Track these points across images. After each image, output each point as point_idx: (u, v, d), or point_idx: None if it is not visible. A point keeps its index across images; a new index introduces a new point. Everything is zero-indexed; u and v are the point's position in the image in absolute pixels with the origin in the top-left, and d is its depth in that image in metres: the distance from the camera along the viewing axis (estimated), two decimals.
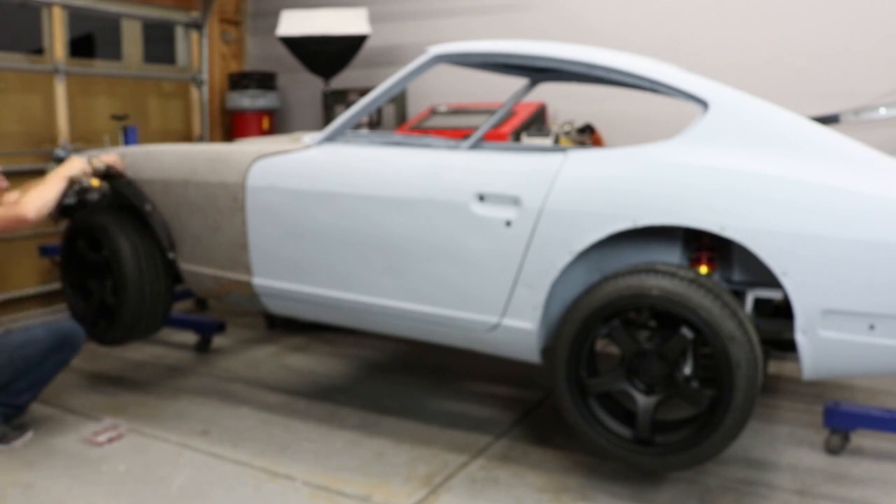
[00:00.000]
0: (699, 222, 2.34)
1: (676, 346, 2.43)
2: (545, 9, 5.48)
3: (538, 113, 5.14)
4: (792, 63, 4.70)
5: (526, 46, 2.78)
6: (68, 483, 2.67)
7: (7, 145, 4.77)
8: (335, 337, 4.42)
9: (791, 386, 3.57)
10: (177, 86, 6.06)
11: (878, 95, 4.35)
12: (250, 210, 3.00)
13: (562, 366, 2.53)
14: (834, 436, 2.86)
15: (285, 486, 2.66)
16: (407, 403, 3.40)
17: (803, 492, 2.60)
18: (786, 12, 4.75)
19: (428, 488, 2.64)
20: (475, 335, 2.73)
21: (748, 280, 2.59)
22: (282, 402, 3.44)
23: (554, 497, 2.58)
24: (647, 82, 2.59)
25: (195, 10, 6.09)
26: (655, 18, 5.12)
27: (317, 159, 2.93)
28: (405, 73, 2.87)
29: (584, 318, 2.48)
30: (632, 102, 4.47)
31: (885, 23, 4.48)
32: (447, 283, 2.70)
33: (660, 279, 2.39)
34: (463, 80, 5.19)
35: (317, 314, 3.09)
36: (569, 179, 2.51)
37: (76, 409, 3.34)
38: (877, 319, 2.23)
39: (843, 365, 2.33)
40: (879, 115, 4.13)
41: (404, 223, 2.72)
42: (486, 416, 3.27)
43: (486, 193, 2.61)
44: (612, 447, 2.52)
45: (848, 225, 2.21)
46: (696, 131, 2.46)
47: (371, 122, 5.72)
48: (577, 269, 2.64)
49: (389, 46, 6.05)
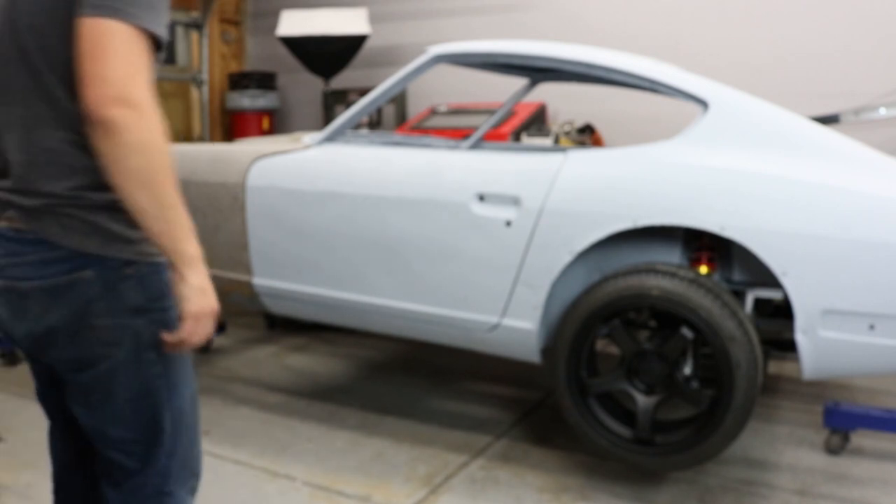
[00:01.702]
0: (699, 222, 2.34)
1: (676, 346, 2.43)
2: (545, 9, 5.48)
3: (538, 113, 5.14)
4: (792, 63, 4.70)
5: (526, 46, 2.78)
6: None
7: None
8: (335, 337, 4.42)
9: (791, 386, 3.57)
10: (177, 86, 6.06)
11: (878, 95, 4.35)
12: (250, 210, 3.00)
13: (562, 366, 2.53)
14: (834, 436, 2.86)
15: (285, 486, 2.66)
16: (407, 403, 3.40)
17: (803, 492, 2.60)
18: (786, 12, 4.75)
19: (428, 488, 2.64)
20: (475, 335, 2.73)
21: (748, 280, 2.59)
22: (282, 402, 3.44)
23: (554, 497, 2.58)
24: (647, 82, 2.59)
25: (195, 10, 6.09)
26: (655, 18, 5.13)
27: (317, 159, 2.93)
28: (405, 73, 2.87)
29: (584, 318, 2.48)
30: (632, 102, 4.48)
31: (885, 23, 4.48)
32: (447, 283, 2.70)
33: (660, 279, 2.39)
34: (463, 80, 5.19)
35: (317, 314, 3.09)
36: (569, 179, 2.51)
37: None
38: (877, 319, 2.23)
39: (843, 365, 2.33)
40: (879, 115, 4.13)
41: (404, 223, 2.72)
42: (486, 416, 3.27)
43: (486, 193, 2.61)
44: (612, 447, 2.52)
45: (848, 225, 2.21)
46: (696, 131, 2.46)
47: (371, 122, 5.72)
48: (577, 269, 2.64)
49: (389, 46, 6.05)
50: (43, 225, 1.28)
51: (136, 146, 1.21)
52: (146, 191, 1.23)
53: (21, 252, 1.29)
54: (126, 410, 1.38)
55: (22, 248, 1.29)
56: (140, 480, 1.44)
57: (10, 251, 1.30)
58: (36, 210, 1.28)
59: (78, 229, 1.28)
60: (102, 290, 1.30)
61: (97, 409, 1.39)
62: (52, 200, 1.28)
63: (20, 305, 1.32)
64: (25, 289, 1.30)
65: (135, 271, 1.32)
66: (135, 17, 1.21)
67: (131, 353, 1.35)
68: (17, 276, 1.30)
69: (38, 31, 1.26)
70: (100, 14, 1.19)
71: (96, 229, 1.29)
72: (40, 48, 1.26)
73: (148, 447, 1.42)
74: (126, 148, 1.20)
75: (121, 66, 1.19)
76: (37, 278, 1.29)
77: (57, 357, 1.36)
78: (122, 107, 1.19)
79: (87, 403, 1.39)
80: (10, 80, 1.30)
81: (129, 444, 1.41)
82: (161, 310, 1.37)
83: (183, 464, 1.48)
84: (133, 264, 1.32)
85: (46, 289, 1.29)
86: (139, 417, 1.39)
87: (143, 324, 1.35)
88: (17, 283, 1.30)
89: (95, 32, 1.19)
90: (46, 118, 1.28)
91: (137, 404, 1.39)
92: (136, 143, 1.21)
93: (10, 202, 1.31)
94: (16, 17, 1.28)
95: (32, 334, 1.34)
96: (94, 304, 1.30)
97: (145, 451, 1.42)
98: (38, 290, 1.29)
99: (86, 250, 1.28)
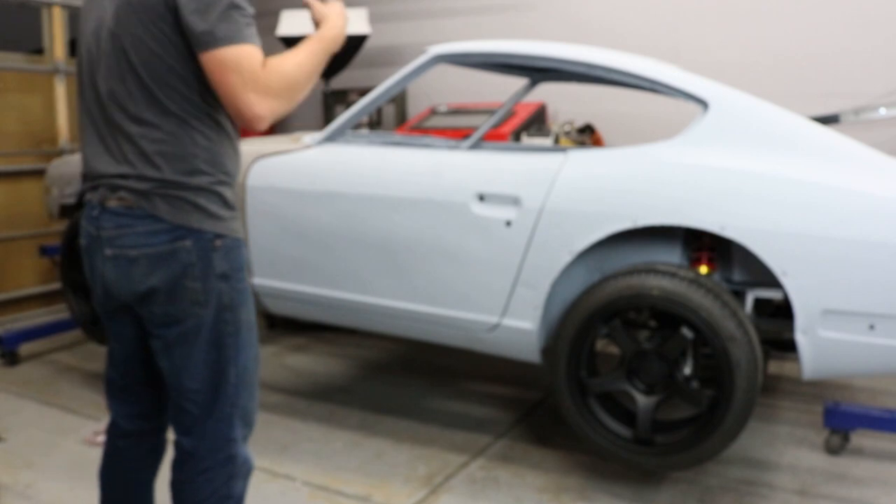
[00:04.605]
0: (699, 222, 2.34)
1: (676, 346, 2.43)
2: (545, 9, 5.48)
3: (538, 113, 5.14)
4: (792, 63, 4.70)
5: (526, 46, 2.77)
6: (68, 483, 2.67)
7: (7, 145, 4.77)
8: (335, 337, 4.42)
9: (791, 386, 3.57)
10: None
11: (878, 95, 4.35)
12: (250, 210, 3.00)
13: (562, 366, 2.53)
14: (834, 436, 2.86)
15: (285, 486, 2.66)
16: (407, 403, 3.40)
17: (803, 492, 2.60)
18: (786, 12, 4.75)
19: (428, 488, 2.64)
20: (475, 335, 2.73)
21: (748, 280, 2.59)
22: (282, 402, 3.44)
23: (554, 497, 2.58)
24: (647, 82, 2.59)
25: None
26: (656, 18, 5.12)
27: (317, 159, 2.93)
28: (405, 73, 2.87)
29: (584, 318, 2.48)
30: (632, 102, 4.47)
31: (885, 23, 4.48)
32: (447, 283, 2.70)
33: (660, 279, 2.39)
34: (463, 80, 5.19)
35: (317, 314, 3.09)
36: (569, 179, 2.51)
37: (76, 409, 3.34)
38: (877, 319, 2.23)
39: (843, 365, 2.33)
40: (879, 115, 4.12)
41: (404, 223, 2.72)
42: (486, 416, 3.27)
43: (486, 193, 2.61)
44: (612, 447, 2.52)
45: (848, 225, 2.21)
46: (696, 131, 2.46)
47: (371, 122, 5.72)
48: (577, 269, 2.64)
49: (389, 46, 6.05)
50: (152, 204, 1.55)
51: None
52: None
53: (131, 224, 1.56)
54: (199, 363, 1.63)
55: (132, 221, 1.56)
56: (208, 427, 1.67)
57: (120, 224, 1.58)
58: (145, 192, 1.55)
59: (181, 207, 1.55)
60: (197, 257, 1.57)
61: (178, 362, 1.63)
62: (159, 184, 1.54)
63: (127, 270, 1.59)
64: (134, 255, 1.58)
65: (222, 244, 1.60)
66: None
67: (213, 312, 1.61)
68: (127, 244, 1.57)
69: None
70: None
71: (196, 207, 1.56)
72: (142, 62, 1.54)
73: (215, 397, 1.66)
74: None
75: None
76: (145, 246, 1.56)
77: (153, 312, 1.61)
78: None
79: (170, 356, 1.64)
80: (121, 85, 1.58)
81: (200, 394, 1.65)
82: (239, 279, 1.65)
83: (243, 414, 1.72)
84: (222, 237, 1.60)
85: (152, 255, 1.57)
86: (210, 370, 1.64)
87: (226, 288, 1.62)
88: (127, 251, 1.58)
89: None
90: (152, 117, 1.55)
91: (210, 356, 1.63)
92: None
93: (122, 186, 1.57)
94: (119, 32, 1.55)
95: (135, 293, 1.60)
96: (189, 268, 1.57)
97: (212, 401, 1.66)
98: (144, 257, 1.57)
99: (186, 224, 1.55)
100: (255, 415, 1.79)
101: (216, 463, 1.68)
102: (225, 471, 1.69)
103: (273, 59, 1.56)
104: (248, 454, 1.76)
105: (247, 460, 1.75)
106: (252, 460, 1.76)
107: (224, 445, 1.69)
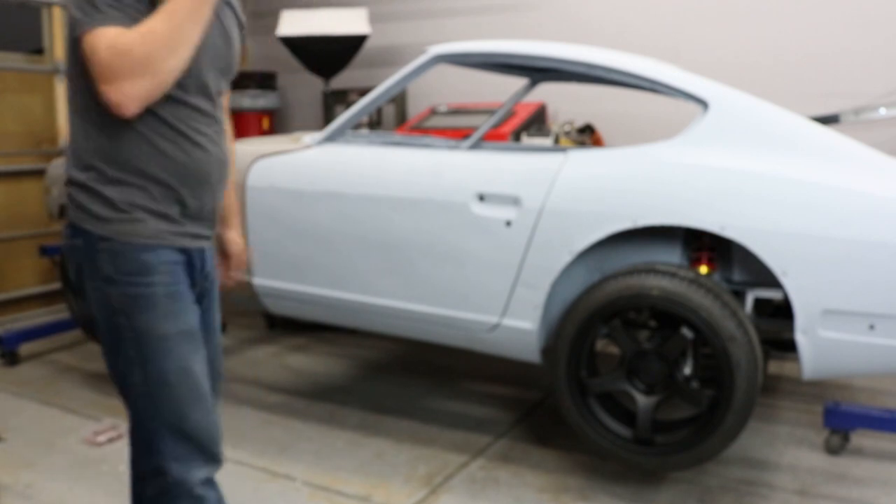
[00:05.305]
0: (699, 222, 2.34)
1: (676, 346, 2.43)
2: (545, 9, 5.48)
3: (538, 113, 5.14)
4: (792, 63, 4.70)
5: (526, 46, 2.77)
6: (68, 483, 2.67)
7: (7, 145, 4.77)
8: (335, 337, 4.42)
9: (791, 386, 3.57)
10: None
11: (878, 95, 4.35)
12: (250, 210, 3.00)
13: (562, 366, 2.53)
14: (834, 436, 2.86)
15: (285, 486, 2.66)
16: (407, 403, 3.40)
17: (803, 492, 2.60)
18: (786, 12, 4.75)
19: (428, 488, 2.64)
20: (475, 335, 2.73)
21: (748, 280, 2.59)
22: (282, 402, 3.44)
23: (554, 497, 2.58)
24: (647, 82, 2.59)
25: None
26: (656, 18, 5.12)
27: (317, 159, 2.93)
28: (405, 73, 2.87)
29: (584, 317, 2.48)
30: (632, 102, 4.47)
31: (885, 23, 4.48)
32: (447, 283, 2.70)
33: (660, 279, 2.39)
34: (463, 80, 5.19)
35: (317, 314, 3.09)
36: (569, 179, 2.51)
37: (76, 409, 3.34)
38: (877, 319, 2.23)
39: (843, 365, 2.33)
40: (879, 115, 4.12)
41: (404, 223, 2.72)
42: (486, 416, 3.27)
43: (486, 193, 2.61)
44: (612, 447, 2.52)
45: (848, 225, 2.21)
46: (696, 131, 2.46)
47: (371, 122, 5.72)
48: (577, 269, 2.64)
49: (389, 46, 6.05)
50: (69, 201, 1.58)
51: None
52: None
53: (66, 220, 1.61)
54: (109, 364, 1.59)
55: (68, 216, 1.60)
56: (137, 430, 1.59)
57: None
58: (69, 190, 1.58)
59: (73, 205, 1.55)
60: (86, 257, 1.54)
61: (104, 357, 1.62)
62: (68, 180, 1.58)
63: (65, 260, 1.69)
64: (62, 246, 1.62)
65: (107, 247, 1.52)
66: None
67: (106, 315, 1.55)
68: (63, 235, 1.62)
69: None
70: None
71: (80, 206, 1.54)
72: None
73: (129, 403, 1.58)
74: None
75: None
76: (64, 244, 1.61)
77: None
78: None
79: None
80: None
81: (122, 396, 1.60)
82: (132, 284, 1.53)
83: (182, 433, 1.55)
84: (107, 240, 1.51)
85: (64, 248, 1.63)
86: (115, 373, 1.59)
87: (114, 293, 1.53)
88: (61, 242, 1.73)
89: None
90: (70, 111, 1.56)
91: (111, 359, 1.58)
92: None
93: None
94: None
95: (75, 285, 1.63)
96: (83, 267, 1.56)
97: (130, 406, 1.58)
98: (63, 248, 1.65)
99: (76, 223, 1.54)
100: (213, 442, 1.60)
101: (147, 473, 1.58)
102: (156, 482, 1.56)
103: (124, 33, 1.36)
104: (191, 479, 1.56)
105: (183, 483, 1.55)
106: (200, 490, 1.57)
107: (150, 457, 1.56)
